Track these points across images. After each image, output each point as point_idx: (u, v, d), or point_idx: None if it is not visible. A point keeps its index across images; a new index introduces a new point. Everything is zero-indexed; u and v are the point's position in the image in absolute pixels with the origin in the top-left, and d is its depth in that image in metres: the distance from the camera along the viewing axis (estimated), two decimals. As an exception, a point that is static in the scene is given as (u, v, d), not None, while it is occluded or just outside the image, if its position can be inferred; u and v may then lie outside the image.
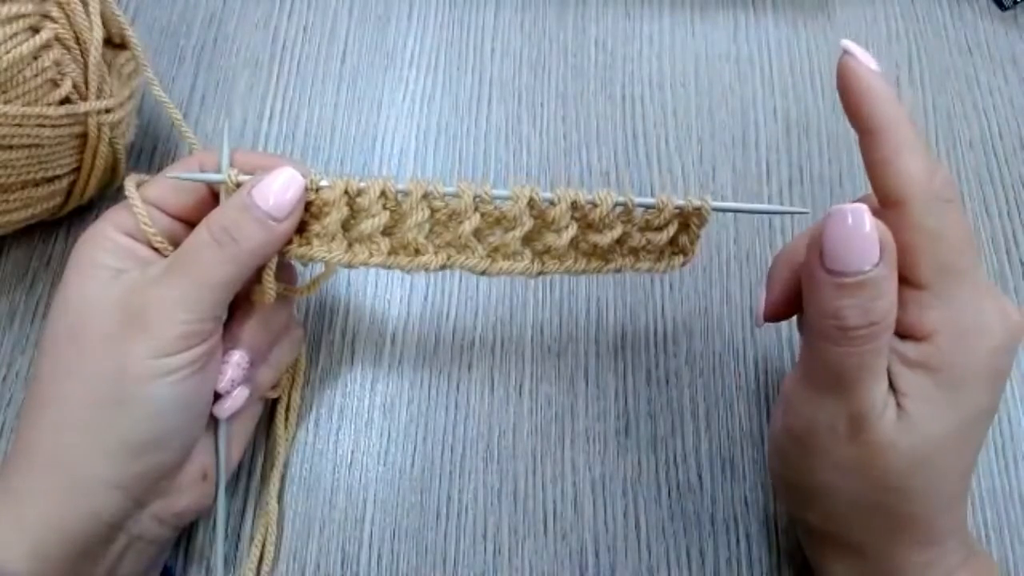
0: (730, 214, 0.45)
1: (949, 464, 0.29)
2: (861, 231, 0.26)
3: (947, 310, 0.28)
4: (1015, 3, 0.52)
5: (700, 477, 0.39)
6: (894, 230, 0.27)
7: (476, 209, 0.32)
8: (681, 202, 0.33)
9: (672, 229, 0.34)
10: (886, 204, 0.28)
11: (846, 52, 0.29)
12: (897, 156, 0.27)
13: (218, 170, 0.32)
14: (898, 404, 0.28)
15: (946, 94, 0.49)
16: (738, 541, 0.38)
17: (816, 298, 0.28)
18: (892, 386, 0.28)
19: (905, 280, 0.28)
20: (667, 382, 0.41)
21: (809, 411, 0.30)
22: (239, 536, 0.37)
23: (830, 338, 0.28)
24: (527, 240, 0.33)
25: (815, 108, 0.48)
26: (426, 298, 0.42)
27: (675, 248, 0.35)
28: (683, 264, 0.35)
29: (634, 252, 0.35)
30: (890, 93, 0.28)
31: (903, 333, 0.28)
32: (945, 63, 0.50)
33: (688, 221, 0.34)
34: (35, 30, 0.33)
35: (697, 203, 0.33)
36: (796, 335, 0.42)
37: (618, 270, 0.35)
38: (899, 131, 0.28)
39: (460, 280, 0.43)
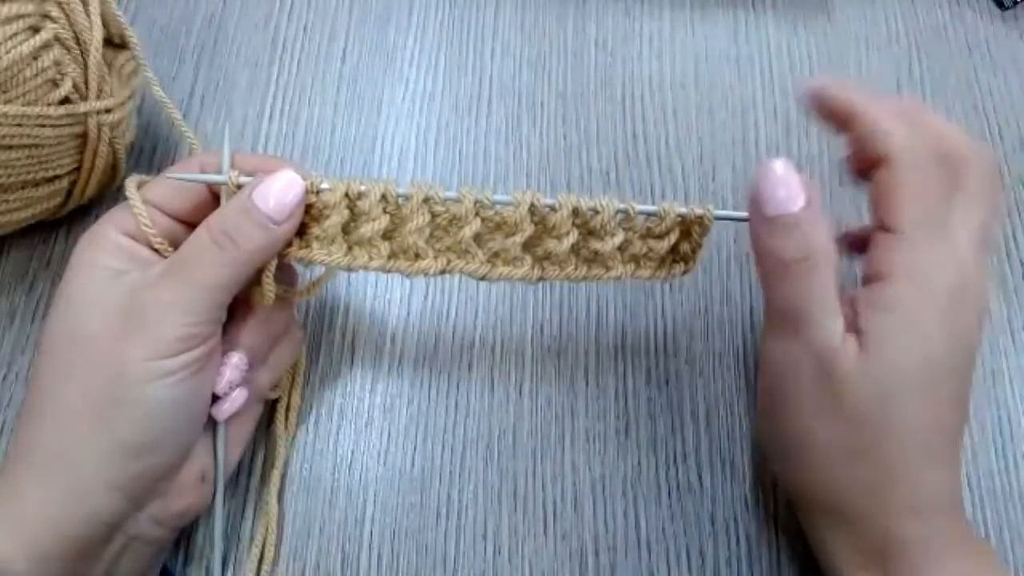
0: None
1: (915, 405, 0.30)
2: (786, 178, 0.31)
3: (909, 253, 0.30)
4: (1015, 3, 0.52)
5: (700, 477, 0.39)
6: (884, 186, 0.31)
7: (477, 214, 0.32)
8: (683, 210, 0.33)
9: (674, 237, 0.34)
10: (876, 166, 0.31)
11: (805, 95, 0.35)
12: (876, 123, 0.32)
13: (219, 171, 0.32)
14: (860, 344, 0.30)
15: (946, 94, 0.49)
16: (738, 541, 0.38)
17: (760, 241, 0.32)
18: (857, 328, 0.30)
19: (885, 227, 0.31)
20: (667, 382, 0.41)
21: (777, 359, 0.33)
22: (239, 536, 0.37)
23: (776, 275, 0.32)
24: (527, 246, 0.33)
25: (815, 108, 0.48)
26: (426, 298, 0.42)
27: (676, 256, 0.35)
28: (684, 272, 0.35)
29: (635, 259, 0.35)
30: (845, 87, 0.33)
31: (870, 277, 0.31)
32: (945, 63, 0.50)
33: (690, 229, 0.34)
34: (35, 30, 0.33)
35: (699, 211, 0.33)
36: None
37: (619, 278, 0.34)
38: (869, 106, 0.32)
39: (460, 280, 0.43)
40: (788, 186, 0.31)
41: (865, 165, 0.32)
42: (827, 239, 0.31)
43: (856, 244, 0.35)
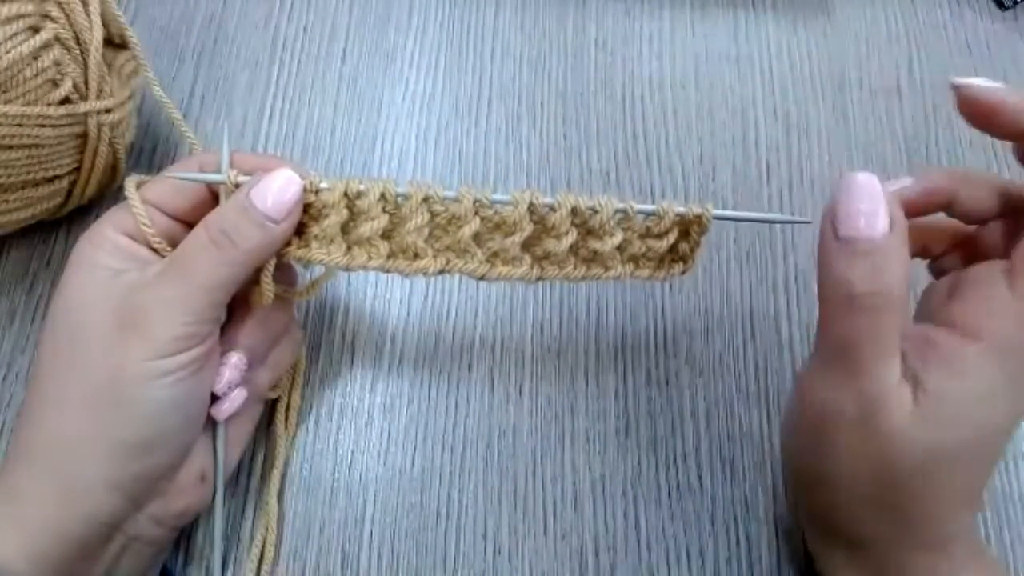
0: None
1: (965, 470, 0.28)
2: (871, 196, 0.27)
3: (1016, 322, 0.27)
4: (1015, 3, 0.52)
5: (700, 477, 0.39)
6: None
7: (476, 213, 0.32)
8: (682, 209, 0.33)
9: (672, 236, 0.34)
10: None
11: (956, 87, 0.30)
12: None
13: (218, 170, 0.32)
14: (914, 396, 0.27)
15: (946, 94, 0.49)
16: (738, 541, 0.38)
17: (827, 265, 0.28)
18: (919, 381, 0.28)
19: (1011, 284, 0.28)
20: (667, 382, 0.41)
21: (820, 392, 0.30)
22: (239, 536, 0.37)
23: (839, 307, 0.28)
24: (526, 245, 0.33)
25: (815, 108, 0.48)
26: (426, 298, 0.42)
27: (675, 255, 0.35)
28: (683, 272, 0.35)
29: (634, 259, 0.35)
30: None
31: (951, 323, 0.28)
32: (945, 63, 0.50)
33: (688, 229, 0.34)
34: (35, 30, 0.33)
35: (698, 211, 0.33)
36: (796, 335, 0.42)
37: (617, 277, 0.34)
38: None
39: (460, 280, 0.43)
40: (872, 205, 0.27)
41: None
42: (905, 276, 0.27)
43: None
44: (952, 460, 0.28)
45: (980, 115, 0.29)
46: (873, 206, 0.27)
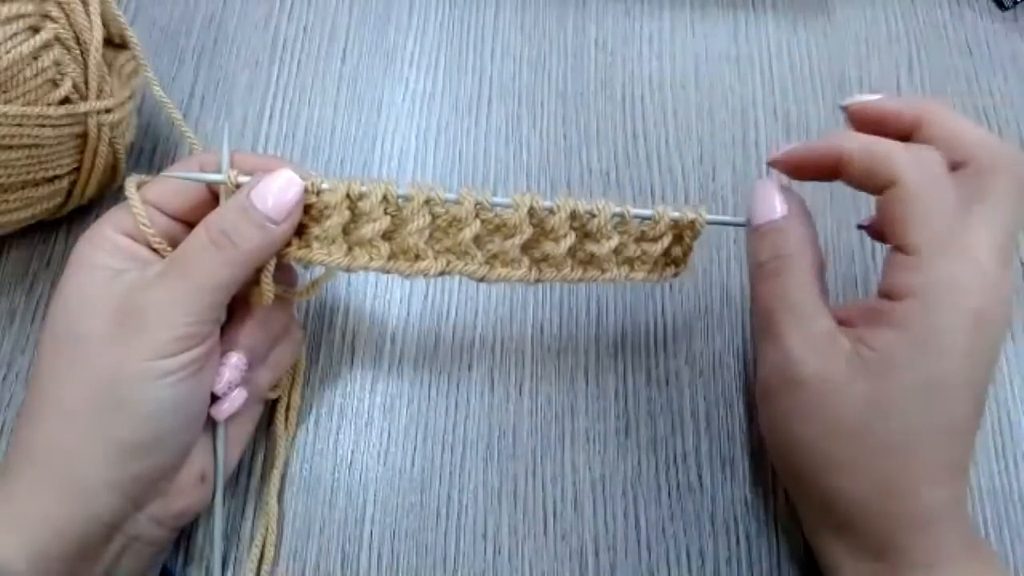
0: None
1: (916, 426, 0.29)
2: (767, 192, 0.34)
3: (926, 273, 0.29)
4: (1015, 3, 0.52)
5: (700, 477, 0.39)
6: (893, 203, 0.30)
7: (477, 216, 0.33)
8: (676, 214, 0.34)
9: (667, 240, 0.35)
10: (884, 187, 0.31)
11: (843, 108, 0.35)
12: (872, 150, 0.32)
13: (218, 170, 0.32)
14: (860, 355, 0.30)
15: (946, 94, 0.49)
16: (738, 541, 0.38)
17: (748, 253, 0.35)
18: (861, 340, 0.30)
19: (900, 247, 0.30)
20: (667, 382, 0.41)
21: (761, 362, 0.34)
22: (239, 536, 0.37)
23: (755, 280, 0.34)
24: (525, 248, 0.34)
25: (815, 108, 0.48)
26: (426, 298, 0.42)
27: (668, 259, 0.36)
28: (675, 275, 0.36)
29: (629, 262, 0.35)
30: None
31: (885, 293, 0.31)
32: (945, 63, 0.50)
33: (682, 233, 0.35)
34: (35, 30, 0.33)
35: (691, 216, 0.34)
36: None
37: (613, 280, 0.35)
38: (860, 140, 0.32)
39: (460, 281, 0.43)
40: (767, 198, 0.34)
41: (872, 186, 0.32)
42: (803, 245, 0.33)
43: (878, 233, 0.36)
44: (904, 415, 0.29)
45: (868, 123, 0.34)
46: (769, 199, 0.34)
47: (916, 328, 0.29)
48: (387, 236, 0.33)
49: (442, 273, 0.33)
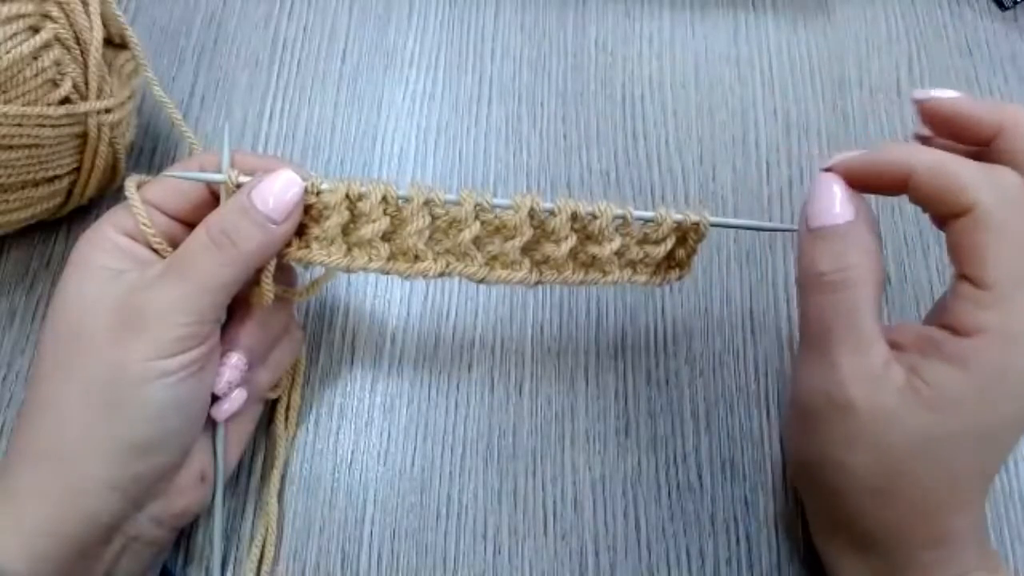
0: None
1: (964, 463, 0.29)
2: (831, 190, 0.31)
3: (1002, 314, 0.27)
4: (1015, 3, 0.52)
5: (700, 477, 0.39)
6: (967, 231, 0.28)
7: (477, 217, 0.32)
8: (679, 216, 0.34)
9: (670, 243, 0.34)
10: (960, 213, 0.28)
11: (917, 100, 0.32)
12: (950, 176, 0.29)
13: (219, 170, 0.32)
14: (912, 387, 0.28)
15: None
16: (738, 541, 0.38)
17: (802, 255, 0.31)
18: (917, 370, 0.28)
19: (971, 279, 0.28)
20: (667, 382, 0.41)
21: (806, 377, 0.31)
22: (239, 536, 0.37)
23: (810, 288, 0.31)
24: (526, 249, 0.34)
25: (815, 108, 0.48)
26: (426, 298, 0.42)
27: (672, 261, 0.36)
28: (679, 278, 0.36)
29: (631, 265, 0.35)
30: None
31: (951, 326, 0.29)
32: (945, 63, 0.50)
33: (686, 235, 0.34)
34: (35, 30, 0.33)
35: (695, 218, 0.33)
36: (796, 335, 0.42)
37: (615, 282, 0.35)
38: (938, 159, 0.29)
39: (460, 281, 0.43)
40: (831, 199, 0.30)
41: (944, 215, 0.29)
42: (869, 259, 0.30)
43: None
44: (947, 452, 0.28)
45: (941, 123, 0.32)
46: (832, 199, 0.30)
47: (985, 370, 0.28)
48: (387, 237, 0.33)
49: (442, 274, 0.33)
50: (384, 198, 0.32)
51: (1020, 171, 0.29)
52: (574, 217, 0.33)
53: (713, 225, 0.34)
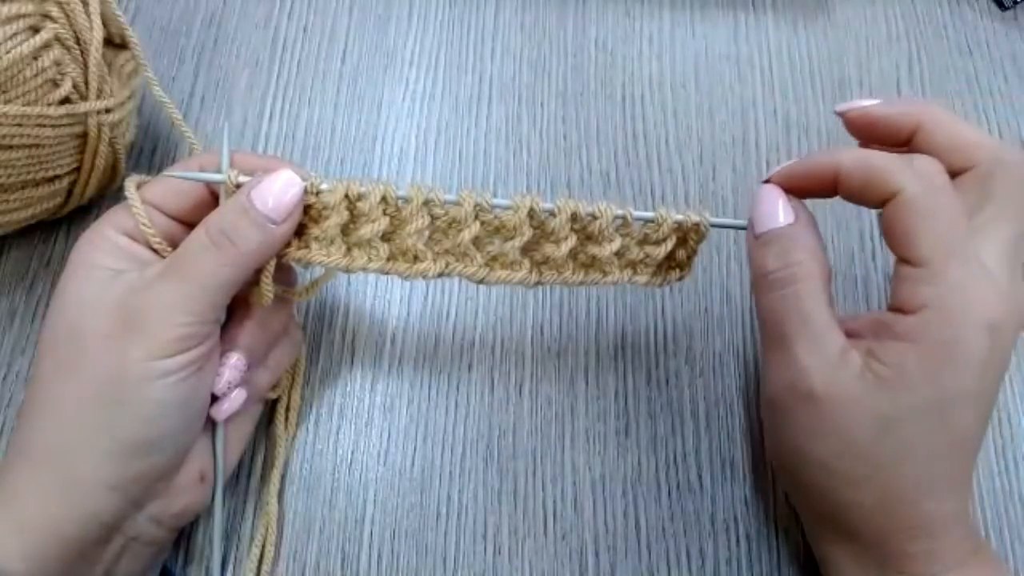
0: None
1: (927, 440, 0.29)
2: (771, 199, 0.33)
3: (939, 287, 0.29)
4: (1015, 3, 0.52)
5: (700, 477, 0.39)
6: (896, 216, 0.30)
7: (476, 217, 0.32)
8: (680, 217, 0.34)
9: (670, 244, 0.34)
10: (884, 200, 0.30)
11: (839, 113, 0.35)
12: (871, 167, 0.31)
13: (218, 170, 0.32)
14: (872, 370, 0.29)
15: (946, 94, 0.49)
16: (738, 541, 0.38)
17: (751, 261, 0.33)
18: (874, 354, 0.30)
19: (907, 259, 0.30)
20: (667, 382, 0.41)
21: (771, 374, 0.33)
22: (239, 536, 0.37)
23: (761, 289, 0.32)
24: (525, 250, 0.34)
25: (815, 108, 0.48)
26: (426, 298, 0.42)
27: (672, 262, 0.36)
28: (679, 278, 0.36)
29: (632, 265, 0.35)
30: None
31: (897, 307, 0.30)
32: (945, 63, 0.50)
33: (686, 236, 0.34)
34: (35, 30, 0.33)
35: (696, 219, 0.34)
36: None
37: (615, 283, 0.35)
38: (859, 154, 0.32)
39: (460, 281, 0.43)
40: (772, 206, 0.33)
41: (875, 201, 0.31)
42: (812, 255, 0.31)
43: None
44: (910, 428, 0.29)
45: (864, 130, 0.34)
46: (773, 206, 0.32)
47: (931, 341, 0.28)
48: (386, 237, 0.33)
49: (441, 275, 0.33)
50: (384, 198, 0.32)
51: (939, 159, 0.31)
52: (574, 217, 0.33)
53: (713, 226, 0.34)
